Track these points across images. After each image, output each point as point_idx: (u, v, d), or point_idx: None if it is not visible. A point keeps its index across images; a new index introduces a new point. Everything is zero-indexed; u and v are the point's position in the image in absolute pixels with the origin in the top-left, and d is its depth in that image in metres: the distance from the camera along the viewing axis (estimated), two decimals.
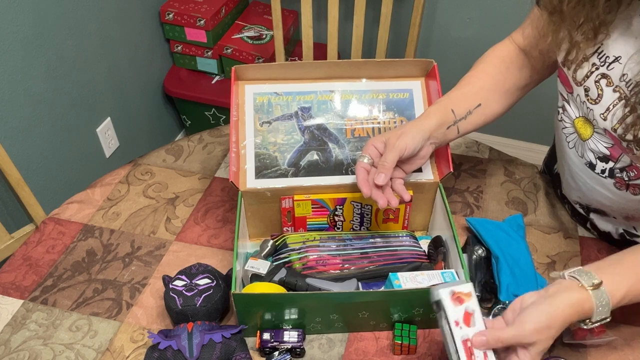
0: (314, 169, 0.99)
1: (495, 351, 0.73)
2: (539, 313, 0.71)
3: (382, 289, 0.90)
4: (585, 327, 0.75)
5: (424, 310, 0.88)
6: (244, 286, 0.91)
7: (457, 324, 0.73)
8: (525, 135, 2.32)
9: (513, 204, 1.12)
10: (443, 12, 2.18)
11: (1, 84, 1.53)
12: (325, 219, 1.00)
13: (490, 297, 0.92)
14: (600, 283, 0.73)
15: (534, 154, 2.12)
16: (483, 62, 1.02)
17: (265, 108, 1.01)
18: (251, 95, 1.02)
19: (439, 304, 0.74)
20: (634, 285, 0.76)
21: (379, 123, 1.02)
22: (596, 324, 0.75)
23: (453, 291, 0.74)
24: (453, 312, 0.73)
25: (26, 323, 0.93)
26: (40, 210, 1.38)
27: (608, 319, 0.75)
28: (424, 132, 0.89)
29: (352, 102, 1.03)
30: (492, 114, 0.99)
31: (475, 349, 0.72)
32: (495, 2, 2.08)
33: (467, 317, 0.73)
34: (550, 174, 1.15)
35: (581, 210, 1.05)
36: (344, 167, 1.00)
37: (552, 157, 1.15)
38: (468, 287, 0.74)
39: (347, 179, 0.99)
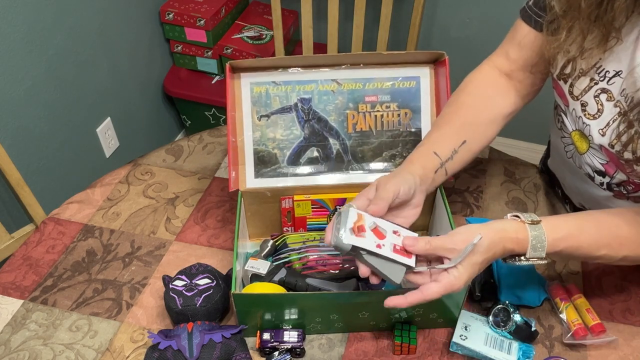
0: (314, 167, 0.99)
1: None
2: (470, 230, 0.74)
3: (382, 289, 0.90)
4: (518, 263, 0.77)
5: (424, 311, 0.88)
6: (244, 286, 0.91)
7: (379, 247, 0.71)
8: (525, 135, 2.32)
9: (513, 204, 1.12)
10: (443, 12, 2.18)
11: (1, 84, 1.53)
12: (325, 219, 1.00)
13: (490, 297, 0.92)
14: (539, 221, 0.76)
15: (534, 154, 2.12)
16: (463, 94, 0.96)
17: (263, 100, 0.98)
18: (248, 85, 0.98)
19: (354, 249, 0.71)
20: (573, 235, 0.78)
21: (382, 116, 1.00)
22: (530, 262, 0.76)
23: (350, 229, 0.70)
24: (366, 242, 0.71)
25: (26, 323, 0.93)
26: (40, 210, 1.38)
27: (544, 261, 0.77)
28: (413, 176, 0.82)
29: (355, 92, 0.99)
30: (479, 147, 0.93)
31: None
32: (495, 2, 2.07)
33: (379, 234, 0.72)
34: (549, 173, 1.15)
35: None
36: (344, 165, 0.99)
37: (549, 157, 1.15)
38: (353, 213, 0.71)
39: (347, 179, 0.99)
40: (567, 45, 0.83)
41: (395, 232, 0.74)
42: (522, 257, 0.77)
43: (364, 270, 0.74)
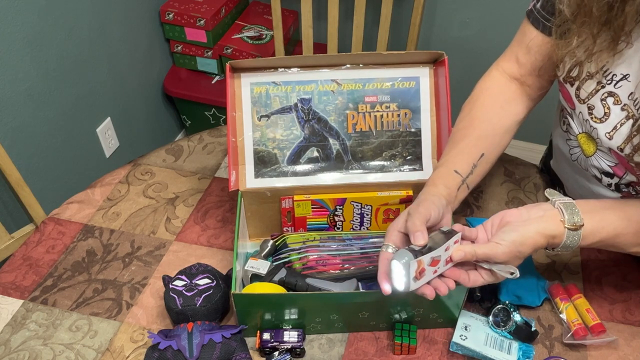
0: (313, 167, 0.99)
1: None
2: (513, 237, 0.76)
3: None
4: (548, 250, 0.81)
5: (424, 311, 0.88)
6: (244, 286, 0.91)
7: (435, 272, 0.77)
8: (525, 135, 2.31)
9: (513, 204, 1.12)
10: (443, 12, 2.18)
11: (1, 84, 1.53)
12: (325, 219, 1.00)
13: (490, 297, 0.92)
14: (581, 226, 0.78)
15: (534, 154, 2.12)
16: (475, 107, 0.96)
17: (263, 100, 0.98)
18: (248, 85, 0.98)
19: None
20: (608, 238, 0.80)
21: (382, 116, 1.00)
22: (557, 253, 0.82)
23: (413, 278, 0.74)
24: (426, 279, 0.76)
25: (26, 323, 0.93)
26: (40, 210, 1.38)
27: (569, 251, 0.81)
28: (439, 198, 0.83)
29: (355, 92, 0.99)
30: (497, 157, 0.95)
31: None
32: (495, 2, 2.08)
33: (435, 262, 0.76)
34: (549, 173, 1.15)
35: None
36: (344, 165, 0.99)
37: (550, 156, 1.15)
38: (414, 264, 0.74)
39: (347, 179, 0.99)
40: (575, 49, 0.83)
41: (446, 249, 0.77)
42: (552, 248, 0.80)
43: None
